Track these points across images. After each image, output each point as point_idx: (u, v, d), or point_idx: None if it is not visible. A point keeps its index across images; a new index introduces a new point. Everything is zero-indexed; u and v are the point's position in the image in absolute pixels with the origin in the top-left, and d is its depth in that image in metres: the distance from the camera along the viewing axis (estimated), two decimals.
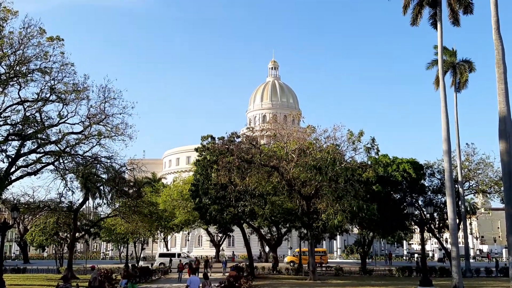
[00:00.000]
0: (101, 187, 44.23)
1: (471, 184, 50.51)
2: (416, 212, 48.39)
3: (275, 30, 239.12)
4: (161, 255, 64.86)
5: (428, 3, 34.44)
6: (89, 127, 33.02)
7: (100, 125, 33.39)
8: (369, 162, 43.05)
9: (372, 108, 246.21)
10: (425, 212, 48.18)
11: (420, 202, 49.45)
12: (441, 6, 34.33)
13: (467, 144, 50.80)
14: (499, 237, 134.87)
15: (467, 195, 53.36)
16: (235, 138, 43.64)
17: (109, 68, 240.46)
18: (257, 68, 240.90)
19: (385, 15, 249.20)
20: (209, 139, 44.78)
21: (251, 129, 47.63)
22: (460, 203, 46.99)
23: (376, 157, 44.32)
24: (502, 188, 33.62)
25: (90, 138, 33.64)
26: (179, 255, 63.62)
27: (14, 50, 28.20)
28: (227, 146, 39.95)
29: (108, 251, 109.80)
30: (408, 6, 35.06)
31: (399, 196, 47.93)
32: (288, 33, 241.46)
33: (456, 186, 45.12)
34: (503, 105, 25.82)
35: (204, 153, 44.29)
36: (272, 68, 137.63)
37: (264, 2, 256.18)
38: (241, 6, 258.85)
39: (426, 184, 49.35)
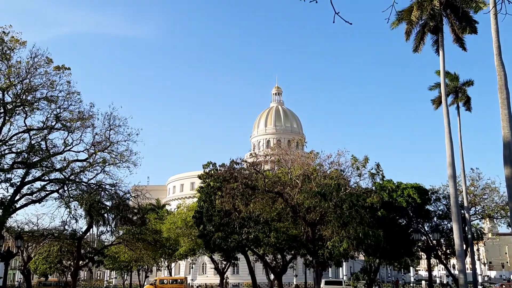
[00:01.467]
0: (105, 215, 44.09)
1: (477, 210, 50.06)
2: (422, 238, 47.85)
3: (278, 56, 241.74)
4: (327, 282, 58.58)
5: (430, 30, 34.88)
6: (94, 155, 33.17)
7: (105, 152, 33.55)
8: (373, 188, 42.84)
9: (376, 132, 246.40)
10: (431, 238, 47.66)
11: (426, 228, 48.96)
12: (443, 32, 34.78)
13: (472, 169, 50.57)
14: (507, 262, 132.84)
15: (473, 220, 52.81)
16: (239, 164, 43.57)
17: (114, 95, 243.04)
18: (261, 93, 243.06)
19: (388, 39, 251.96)
20: (211, 166, 44.67)
21: (254, 155, 47.64)
22: (466, 228, 46.49)
23: (381, 182, 44.14)
24: (509, 213, 33.37)
25: (94, 165, 33.76)
26: (343, 282, 59.76)
27: (21, 79, 28.62)
28: (230, 172, 39.89)
29: (112, 279, 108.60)
30: (411, 33, 35.50)
31: (404, 222, 47.49)
32: (292, 59, 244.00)
33: (462, 211, 44.73)
34: (507, 130, 25.75)
35: (207, 180, 44.21)
36: (275, 93, 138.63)
37: (268, 29, 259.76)
38: (245, 34, 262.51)
39: (432, 210, 48.96)
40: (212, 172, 44.02)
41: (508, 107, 26.12)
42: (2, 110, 28.67)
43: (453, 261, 64.51)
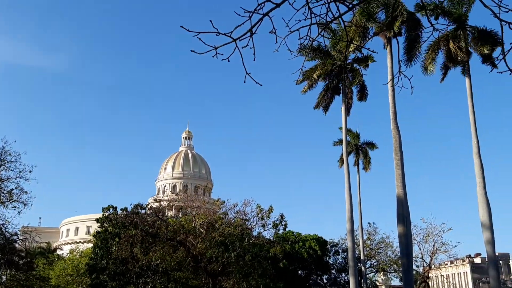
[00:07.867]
0: None
1: (372, 263, 52.23)
2: None
3: (191, 100, 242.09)
4: None
5: (333, 90, 36.97)
6: None
7: None
8: (274, 239, 43.10)
9: (284, 182, 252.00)
10: None
11: (325, 280, 49.98)
12: (345, 93, 36.94)
13: (369, 223, 53.13)
14: None
15: (369, 273, 54.90)
16: (140, 210, 41.76)
17: (10, 128, 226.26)
18: (171, 137, 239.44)
19: (297, 97, 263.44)
20: (111, 210, 42.39)
21: (158, 200, 46.05)
22: (362, 281, 48.08)
23: (283, 232, 44.58)
24: (401, 268, 34.99)
25: None
26: None
27: None
28: (131, 219, 38.05)
29: None
30: (311, 88, 37.16)
31: (305, 273, 48.14)
32: (204, 104, 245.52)
33: (359, 264, 46.36)
34: (401, 190, 27.39)
35: (106, 225, 41.76)
36: (185, 137, 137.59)
37: (182, 73, 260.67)
38: (159, 76, 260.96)
39: (331, 262, 50.29)
40: (112, 216, 41.70)
41: (402, 167, 27.92)
42: None
43: None
